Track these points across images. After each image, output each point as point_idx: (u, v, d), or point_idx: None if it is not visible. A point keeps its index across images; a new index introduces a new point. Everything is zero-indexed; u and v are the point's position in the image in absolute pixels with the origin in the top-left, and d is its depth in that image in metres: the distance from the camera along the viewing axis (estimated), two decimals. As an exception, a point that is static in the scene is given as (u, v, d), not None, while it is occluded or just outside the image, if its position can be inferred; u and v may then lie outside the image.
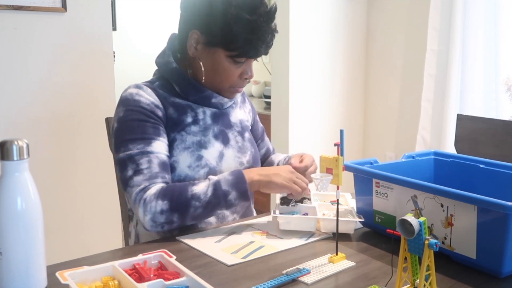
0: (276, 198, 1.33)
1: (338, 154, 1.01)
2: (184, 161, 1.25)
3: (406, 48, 3.00)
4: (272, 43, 1.27)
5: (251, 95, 4.28)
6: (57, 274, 0.82)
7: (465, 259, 0.99)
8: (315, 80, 3.03)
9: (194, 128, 1.28)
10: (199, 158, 1.26)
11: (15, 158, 0.78)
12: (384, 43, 3.13)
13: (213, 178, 1.20)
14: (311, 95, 3.03)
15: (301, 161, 1.33)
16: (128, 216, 1.42)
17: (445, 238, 1.02)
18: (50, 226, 1.24)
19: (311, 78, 3.01)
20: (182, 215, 1.16)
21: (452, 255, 1.02)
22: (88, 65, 2.29)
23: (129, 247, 1.21)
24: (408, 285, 0.86)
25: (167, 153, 1.24)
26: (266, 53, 1.27)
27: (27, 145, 0.79)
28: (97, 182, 2.36)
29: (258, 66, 3.77)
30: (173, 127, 1.26)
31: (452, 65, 2.62)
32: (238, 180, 1.19)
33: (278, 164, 1.49)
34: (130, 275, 0.85)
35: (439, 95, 2.73)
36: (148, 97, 1.25)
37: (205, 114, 1.31)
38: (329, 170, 1.02)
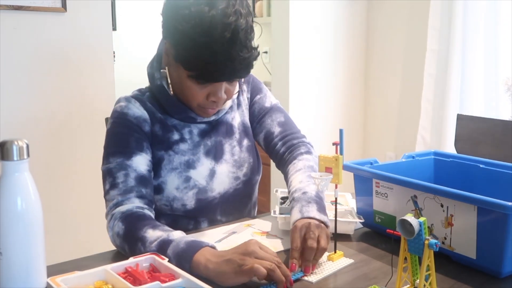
0: (277, 198, 1.32)
1: (336, 153, 1.01)
2: (171, 182, 1.22)
3: (406, 48, 3.00)
4: (248, 67, 1.12)
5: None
6: (49, 280, 0.82)
7: (465, 259, 0.99)
8: (315, 80, 3.03)
9: (182, 146, 1.24)
10: (187, 179, 1.22)
11: (15, 158, 0.78)
12: (384, 43, 3.13)
13: (172, 235, 1.00)
14: (311, 95, 3.03)
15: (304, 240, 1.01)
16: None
17: (445, 238, 1.02)
18: (50, 226, 1.23)
19: (311, 78, 3.01)
20: (130, 249, 1.04)
21: (452, 255, 1.02)
22: (88, 65, 2.29)
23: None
24: (408, 285, 0.86)
25: (149, 168, 1.18)
26: (240, 77, 1.14)
27: (27, 145, 0.79)
28: (97, 182, 2.34)
29: (258, 66, 3.77)
30: (159, 145, 1.22)
31: (452, 65, 2.62)
32: (185, 255, 0.94)
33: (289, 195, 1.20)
34: (124, 278, 0.84)
35: (439, 95, 2.73)
36: (136, 111, 1.21)
37: (191, 133, 1.25)
38: (328, 170, 1.02)
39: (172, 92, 1.20)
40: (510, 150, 1.67)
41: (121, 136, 1.19)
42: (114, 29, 4.19)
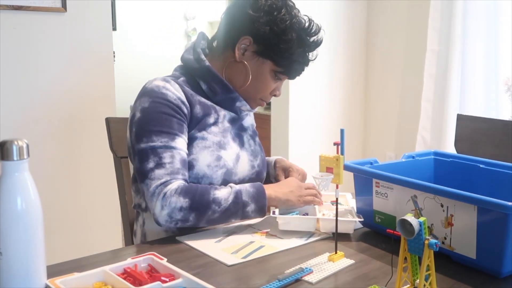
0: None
1: (337, 153, 1.00)
2: (203, 159, 1.24)
3: (406, 48, 3.00)
4: None
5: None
6: (47, 282, 0.82)
7: (465, 259, 0.99)
8: (315, 80, 3.03)
9: (214, 129, 1.28)
10: (219, 158, 1.26)
11: (15, 158, 0.78)
12: (384, 43, 3.13)
13: (235, 186, 1.21)
14: (311, 95, 3.02)
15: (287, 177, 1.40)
16: (134, 213, 1.39)
17: (445, 238, 1.02)
18: (50, 226, 1.23)
19: (311, 77, 3.00)
20: (199, 216, 1.16)
21: (452, 255, 1.02)
22: (88, 65, 2.29)
23: (123, 249, 1.20)
24: (408, 285, 0.86)
25: (187, 151, 1.24)
26: (294, 78, 1.32)
27: (27, 145, 0.79)
28: (97, 182, 2.36)
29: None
30: (196, 126, 1.26)
31: (452, 65, 2.62)
32: (259, 193, 1.21)
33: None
34: (124, 279, 0.83)
35: (439, 95, 2.73)
36: (175, 92, 1.24)
37: (224, 117, 1.31)
38: (329, 170, 1.02)
39: (247, 84, 1.30)
40: (510, 150, 1.67)
41: (164, 116, 1.21)
42: (114, 29, 4.19)
